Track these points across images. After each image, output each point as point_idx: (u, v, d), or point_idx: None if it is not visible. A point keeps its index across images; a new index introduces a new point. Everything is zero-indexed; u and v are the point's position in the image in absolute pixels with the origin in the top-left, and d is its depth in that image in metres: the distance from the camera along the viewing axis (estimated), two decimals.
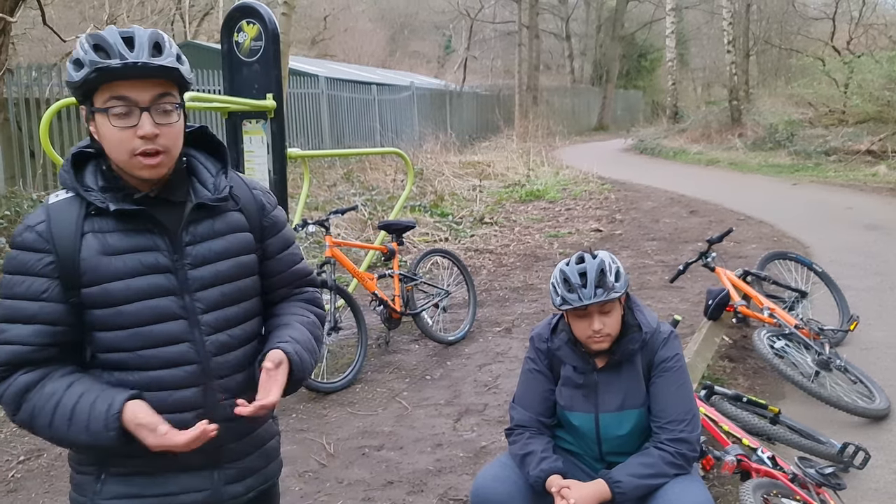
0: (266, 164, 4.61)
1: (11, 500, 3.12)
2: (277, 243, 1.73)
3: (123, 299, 1.50)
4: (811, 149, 15.80)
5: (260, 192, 1.72)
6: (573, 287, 2.10)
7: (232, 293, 1.61)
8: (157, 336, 1.52)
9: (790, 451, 3.12)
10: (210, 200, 1.58)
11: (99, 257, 1.49)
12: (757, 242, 8.04)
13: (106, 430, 1.44)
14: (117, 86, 1.45)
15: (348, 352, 4.79)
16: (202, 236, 1.58)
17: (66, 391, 1.48)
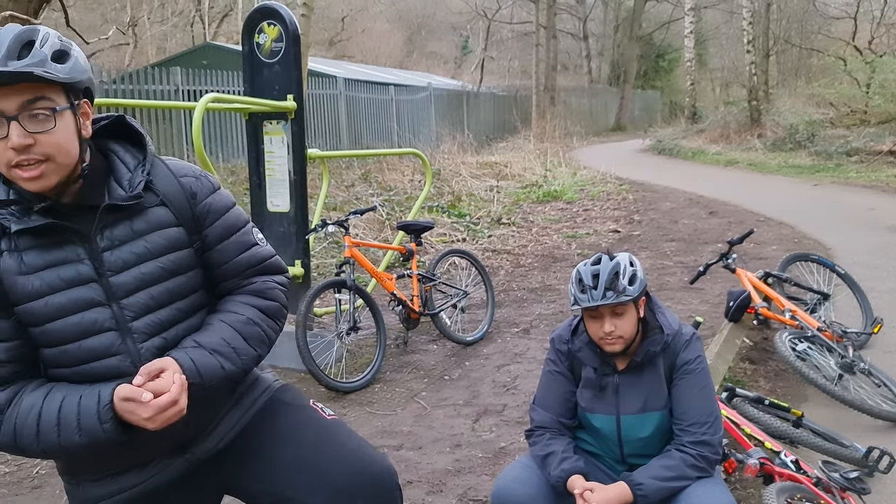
0: (286, 164, 4.63)
1: (36, 497, 3.17)
2: (217, 231, 1.60)
3: (46, 317, 1.44)
4: (832, 149, 15.63)
5: (190, 179, 1.58)
6: (585, 287, 2.11)
7: (161, 295, 1.52)
8: (88, 351, 1.46)
9: (813, 454, 3.09)
10: (121, 200, 1.47)
11: (15, 277, 1.43)
12: (777, 244, 7.97)
13: (101, 424, 1.40)
14: None
15: (367, 351, 4.80)
16: (120, 239, 1.48)
17: (45, 399, 1.44)
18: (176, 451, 1.58)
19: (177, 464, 1.58)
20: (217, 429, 1.63)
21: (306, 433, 1.66)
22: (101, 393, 1.42)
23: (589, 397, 2.21)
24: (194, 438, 1.60)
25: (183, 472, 1.60)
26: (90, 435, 1.40)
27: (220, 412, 1.64)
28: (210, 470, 1.64)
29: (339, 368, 4.41)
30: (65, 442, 1.41)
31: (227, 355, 1.54)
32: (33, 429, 1.41)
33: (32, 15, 6.88)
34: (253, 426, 1.67)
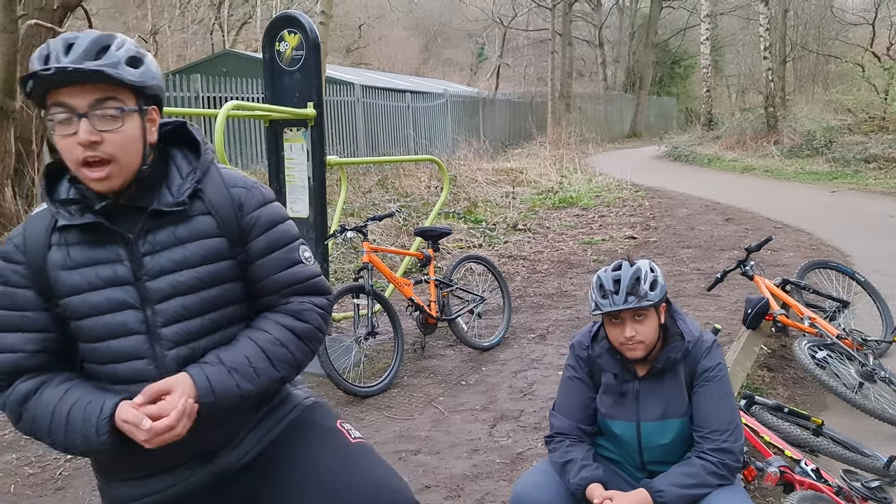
0: (306, 171, 4.68)
1: (60, 498, 3.21)
2: (260, 245, 1.59)
3: (81, 314, 1.48)
4: (850, 156, 15.51)
5: (241, 191, 1.58)
6: (606, 293, 2.12)
7: (194, 305, 1.51)
8: (115, 351, 1.49)
9: (834, 463, 3.07)
10: (166, 206, 1.50)
11: (59, 272, 1.48)
12: (794, 251, 7.92)
13: (97, 435, 1.43)
14: (57, 93, 1.40)
15: (385, 356, 4.83)
16: (161, 245, 1.50)
17: (62, 397, 1.48)
18: (201, 460, 1.59)
19: (201, 473, 1.59)
20: (242, 443, 1.63)
21: (329, 457, 1.64)
22: (104, 404, 1.44)
23: (609, 404, 2.22)
24: (219, 450, 1.60)
25: (207, 482, 1.60)
26: (87, 443, 1.44)
27: (245, 426, 1.64)
28: (234, 483, 1.64)
29: (357, 373, 4.44)
30: (69, 443, 1.46)
31: (245, 375, 1.52)
32: (46, 423, 1.46)
33: (57, 23, 7.00)
34: (278, 443, 1.67)
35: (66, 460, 3.55)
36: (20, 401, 1.48)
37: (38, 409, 1.47)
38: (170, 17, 17.97)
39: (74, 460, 3.54)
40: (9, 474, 3.42)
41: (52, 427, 1.46)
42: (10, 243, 1.51)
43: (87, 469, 3.46)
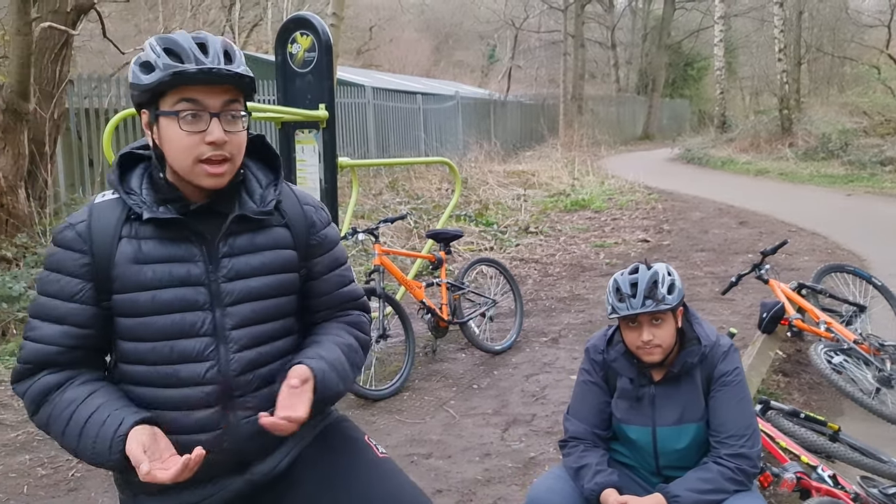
0: (317, 173, 4.67)
1: (72, 499, 3.21)
2: (325, 263, 1.66)
3: (149, 311, 1.45)
4: (866, 158, 15.40)
5: (312, 209, 1.65)
6: (623, 296, 2.10)
7: (264, 311, 1.55)
8: (179, 352, 1.47)
9: (851, 470, 3.02)
10: (253, 213, 1.53)
11: (129, 265, 1.45)
12: (810, 255, 7.85)
13: (109, 454, 1.40)
14: (189, 90, 1.42)
15: (396, 359, 4.81)
16: (241, 249, 1.52)
17: (84, 400, 1.44)
18: (237, 469, 1.57)
19: (236, 484, 1.57)
20: (276, 452, 1.62)
21: (358, 469, 1.63)
22: (124, 420, 1.41)
23: (624, 408, 2.20)
24: (254, 459, 1.59)
25: (240, 492, 1.58)
26: (99, 458, 1.42)
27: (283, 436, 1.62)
28: (265, 493, 1.62)
29: (368, 376, 4.43)
30: (80, 451, 1.44)
31: (341, 374, 1.58)
32: (62, 426, 1.44)
33: (70, 26, 7.03)
34: (309, 453, 1.66)
35: (79, 462, 3.55)
36: (43, 393, 1.45)
37: (56, 408, 1.45)
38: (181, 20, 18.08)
39: None
40: (22, 475, 3.43)
41: (66, 431, 1.44)
42: (71, 230, 1.46)
43: (99, 471, 3.46)
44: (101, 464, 1.43)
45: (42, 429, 1.49)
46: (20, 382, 1.49)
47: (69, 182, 8.43)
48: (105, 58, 16.43)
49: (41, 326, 1.46)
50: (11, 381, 1.51)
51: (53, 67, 7.07)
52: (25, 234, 6.55)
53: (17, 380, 1.50)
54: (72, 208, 7.66)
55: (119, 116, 3.81)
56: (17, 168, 6.65)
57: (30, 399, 1.47)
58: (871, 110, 18.82)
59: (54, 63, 7.07)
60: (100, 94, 8.95)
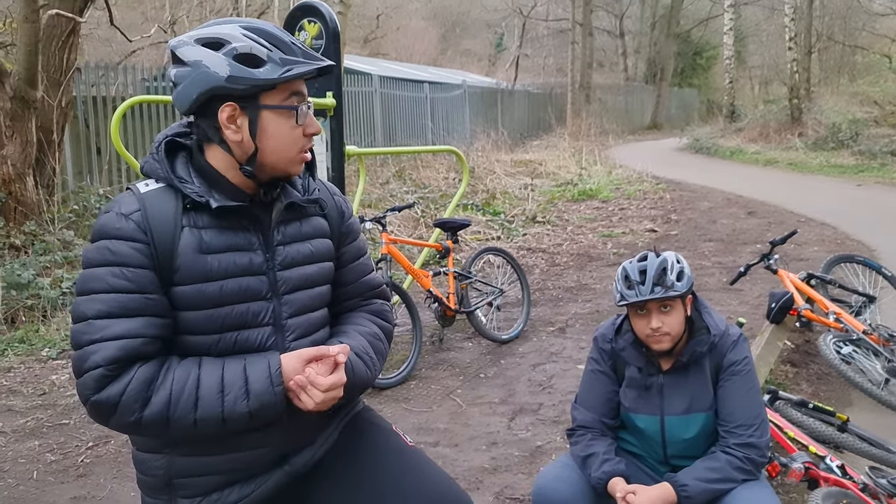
0: (325, 161, 4.66)
1: (81, 485, 3.23)
2: (352, 252, 1.68)
3: (216, 302, 1.42)
4: (876, 148, 15.29)
5: (340, 199, 1.68)
6: (632, 283, 2.09)
7: (315, 298, 1.56)
8: (243, 342, 1.45)
9: (859, 460, 3.02)
10: (301, 201, 1.53)
11: (196, 255, 1.41)
12: (819, 245, 7.81)
13: (272, 387, 1.39)
14: (299, 84, 1.44)
15: (403, 348, 4.81)
16: (291, 237, 1.53)
17: (201, 367, 1.39)
18: (277, 463, 1.56)
19: (276, 477, 1.56)
20: (314, 441, 1.62)
21: (391, 459, 1.63)
22: (270, 360, 1.42)
23: (633, 397, 2.19)
24: (294, 451, 1.58)
25: (280, 485, 1.57)
26: (260, 399, 1.38)
27: (320, 424, 1.62)
28: (303, 483, 1.62)
29: None
30: (229, 409, 1.37)
31: (367, 363, 1.58)
32: (192, 396, 1.36)
33: (78, 13, 7.02)
34: (342, 441, 1.67)
35: (87, 448, 3.58)
36: (146, 385, 1.35)
37: (175, 385, 1.36)
38: (188, 8, 18.04)
39: (96, 448, 3.56)
40: (31, 461, 3.45)
41: (200, 397, 1.36)
42: (127, 221, 1.38)
43: (108, 456, 3.49)
44: (262, 408, 1.38)
45: (156, 423, 1.36)
46: (107, 388, 1.34)
47: (77, 170, 8.45)
48: (112, 46, 16.44)
49: (115, 323, 1.35)
50: (94, 392, 1.34)
51: (61, 55, 7.07)
52: (34, 221, 6.58)
53: (102, 386, 1.34)
54: (80, 196, 7.69)
55: (126, 104, 3.80)
56: (25, 156, 6.67)
57: (133, 397, 1.34)
58: (882, 100, 18.68)
59: (62, 51, 7.07)
60: (107, 83, 8.96)
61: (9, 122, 6.56)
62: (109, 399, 1.34)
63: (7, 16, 8.83)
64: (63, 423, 3.86)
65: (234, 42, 1.40)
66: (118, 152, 3.81)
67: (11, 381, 4.45)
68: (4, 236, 6.23)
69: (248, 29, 1.42)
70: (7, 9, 9.22)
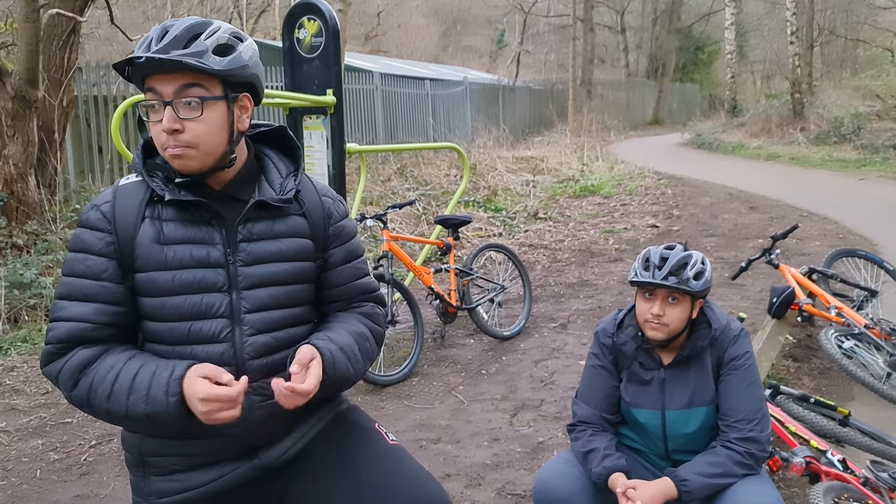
0: (325, 159, 4.66)
1: (85, 483, 3.24)
2: (340, 254, 1.68)
3: (168, 291, 1.47)
4: (879, 143, 15.24)
5: (330, 200, 1.68)
6: (650, 265, 2.11)
7: (280, 296, 1.57)
8: (196, 333, 1.49)
9: (861, 454, 3.02)
10: (272, 200, 1.55)
11: (152, 245, 1.48)
12: (821, 239, 7.80)
13: (167, 396, 1.40)
14: (151, 79, 1.45)
15: (405, 345, 4.82)
16: (259, 235, 1.55)
17: (126, 363, 1.46)
18: (245, 455, 1.58)
19: (243, 468, 1.58)
20: (286, 438, 1.63)
21: (368, 457, 1.65)
22: (175, 367, 1.44)
23: (634, 392, 2.19)
24: (263, 445, 1.60)
25: (248, 478, 1.59)
26: (154, 405, 1.40)
27: (293, 420, 1.63)
28: (274, 479, 1.63)
29: (376, 362, 4.44)
30: (131, 409, 1.42)
31: (352, 359, 1.59)
32: (107, 389, 1.43)
33: (78, 12, 7.02)
34: (319, 441, 1.67)
35: (90, 446, 3.59)
36: (79, 367, 1.45)
37: (98, 374, 1.44)
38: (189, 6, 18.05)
39: (99, 446, 3.58)
40: (34, 459, 3.46)
41: (113, 391, 1.42)
42: (95, 211, 1.49)
43: (111, 455, 3.50)
44: (156, 414, 1.41)
45: (81, 404, 1.47)
46: (52, 363, 1.48)
47: (78, 169, 8.46)
48: (113, 45, 16.44)
49: (70, 306, 1.46)
50: (42, 365, 1.50)
51: (61, 54, 7.07)
52: (36, 221, 6.58)
53: (48, 361, 1.48)
54: (81, 195, 7.69)
55: (126, 104, 3.80)
56: (26, 155, 6.67)
57: (66, 375, 1.45)
58: (885, 94, 18.59)
59: (62, 50, 7.07)
60: (108, 82, 8.96)
61: (10, 122, 6.56)
62: (51, 374, 1.49)
63: (8, 15, 8.84)
64: (66, 421, 3.87)
65: None
66: (119, 151, 3.81)
67: (14, 381, 4.47)
68: (7, 236, 6.24)
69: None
70: (8, 8, 9.22)
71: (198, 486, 1.56)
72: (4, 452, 3.53)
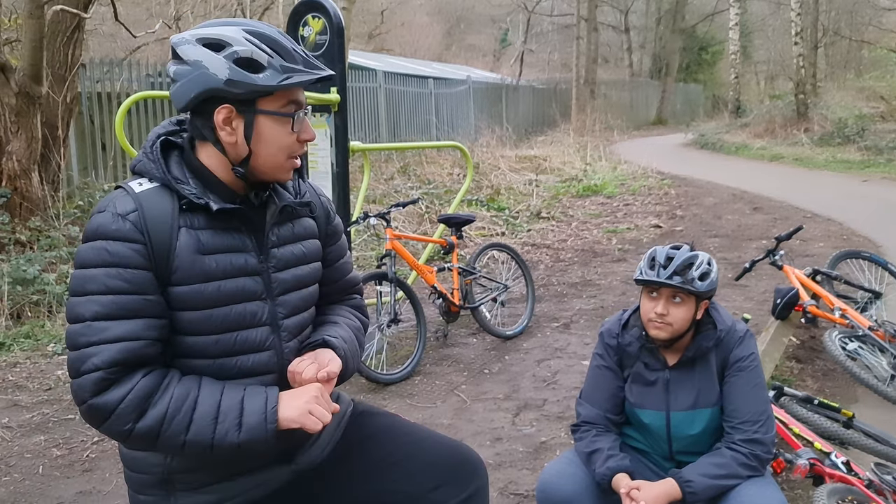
0: (329, 157, 4.66)
1: (87, 479, 3.24)
2: (337, 251, 1.72)
3: (214, 302, 1.42)
4: (883, 144, 15.22)
5: (326, 200, 1.72)
6: (655, 265, 2.10)
7: (307, 298, 1.59)
8: (243, 342, 1.46)
9: (865, 456, 3.00)
10: (295, 204, 1.55)
11: (194, 255, 1.41)
12: (824, 241, 7.78)
13: (265, 424, 1.38)
14: (298, 92, 1.46)
15: (407, 344, 4.82)
16: (285, 239, 1.55)
17: (201, 389, 1.39)
18: (281, 460, 1.57)
19: (280, 474, 1.57)
20: (318, 440, 1.63)
21: (399, 434, 1.70)
22: (268, 393, 1.42)
23: (638, 393, 2.18)
24: (300, 448, 1.60)
25: (284, 483, 1.58)
26: (251, 433, 1.37)
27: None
28: (308, 482, 1.62)
29: (379, 360, 4.44)
30: (219, 439, 1.36)
31: (353, 355, 1.62)
32: (186, 418, 1.35)
33: (82, 9, 7.02)
34: (347, 435, 1.71)
35: (93, 443, 3.59)
36: (146, 396, 1.34)
37: (174, 404, 1.35)
38: (192, 3, 18.04)
39: (101, 443, 3.57)
40: (37, 456, 3.46)
41: (194, 421, 1.35)
42: (123, 222, 1.36)
43: (114, 451, 3.49)
44: (250, 441, 1.38)
45: (146, 436, 1.35)
46: (106, 392, 1.33)
47: (82, 166, 8.47)
48: (117, 42, 16.45)
49: (115, 325, 1.33)
50: (92, 395, 1.33)
51: (65, 51, 7.08)
52: (39, 217, 6.59)
53: (100, 390, 1.33)
54: (84, 192, 7.70)
55: (130, 100, 3.80)
56: (30, 151, 6.68)
57: (131, 406, 1.33)
58: (889, 95, 18.59)
59: (66, 46, 7.07)
60: (112, 78, 8.96)
61: (14, 118, 6.57)
62: (107, 404, 1.33)
63: (12, 12, 8.84)
64: (69, 418, 3.87)
65: (235, 45, 1.39)
66: (123, 148, 3.81)
67: (17, 377, 4.47)
68: (10, 232, 6.24)
69: (251, 33, 1.41)
70: (12, 5, 9.22)
71: (234, 495, 1.52)
72: (7, 448, 3.53)
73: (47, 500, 3.08)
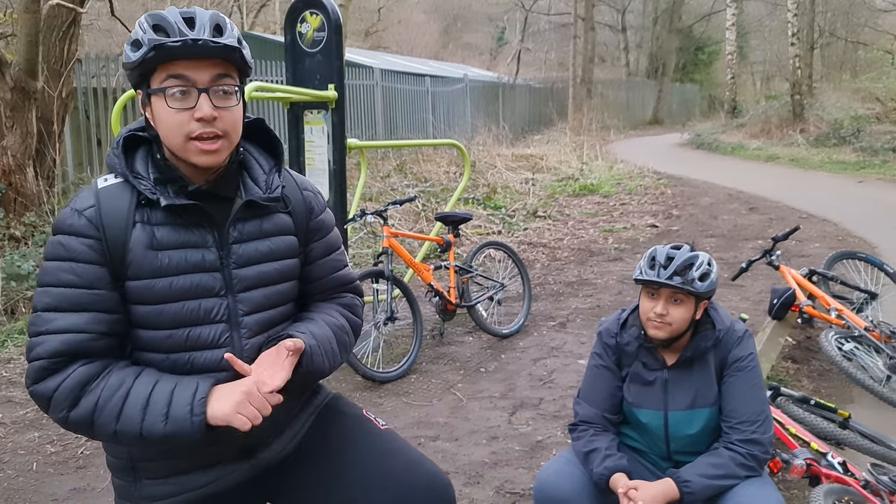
0: (326, 154, 4.65)
1: (81, 476, 3.23)
2: (321, 248, 1.66)
3: (165, 297, 1.42)
4: (878, 145, 15.26)
5: (310, 194, 1.65)
6: (655, 264, 2.10)
7: (273, 296, 1.54)
8: (195, 339, 1.44)
9: (861, 457, 3.01)
10: (261, 199, 1.51)
11: (146, 251, 1.41)
12: (820, 241, 7.80)
13: (191, 416, 1.36)
14: (175, 65, 1.37)
15: (404, 342, 4.81)
16: (249, 235, 1.51)
17: (136, 379, 1.39)
18: (243, 455, 1.56)
19: (242, 469, 1.56)
20: (282, 435, 1.61)
21: (363, 445, 1.64)
22: (199, 384, 1.40)
23: (636, 392, 2.18)
24: (261, 444, 1.58)
25: (246, 477, 1.57)
26: (176, 425, 1.36)
27: (288, 417, 1.62)
28: (269, 477, 1.61)
29: (375, 358, 4.43)
30: (147, 428, 1.36)
31: (327, 352, 1.56)
32: (116, 408, 1.36)
33: (78, 4, 6.99)
34: (312, 434, 1.66)
35: (87, 439, 3.57)
36: (80, 384, 1.36)
37: (105, 392, 1.36)
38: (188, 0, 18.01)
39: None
40: (31, 452, 3.45)
41: (124, 411, 1.36)
42: (79, 217, 1.39)
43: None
44: (177, 434, 1.36)
45: (81, 425, 1.38)
46: (44, 381, 1.37)
47: (77, 161, 8.43)
48: (113, 37, 16.40)
49: (62, 317, 1.37)
50: (31, 383, 1.38)
51: (61, 46, 7.04)
52: (34, 212, 6.56)
53: (39, 378, 1.37)
54: (80, 188, 7.65)
55: (127, 96, 3.79)
56: (25, 147, 6.65)
57: (64, 394, 1.36)
58: (885, 96, 18.62)
59: (62, 41, 7.04)
60: (108, 74, 8.92)
61: (9, 113, 6.53)
62: (44, 392, 1.38)
63: (8, 6, 8.79)
64: None
65: (134, 32, 1.41)
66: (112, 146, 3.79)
67: (11, 372, 4.45)
68: (4, 227, 6.21)
69: (149, 16, 1.41)
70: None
71: (194, 488, 1.52)
72: (1, 445, 3.52)
73: (41, 496, 3.06)
